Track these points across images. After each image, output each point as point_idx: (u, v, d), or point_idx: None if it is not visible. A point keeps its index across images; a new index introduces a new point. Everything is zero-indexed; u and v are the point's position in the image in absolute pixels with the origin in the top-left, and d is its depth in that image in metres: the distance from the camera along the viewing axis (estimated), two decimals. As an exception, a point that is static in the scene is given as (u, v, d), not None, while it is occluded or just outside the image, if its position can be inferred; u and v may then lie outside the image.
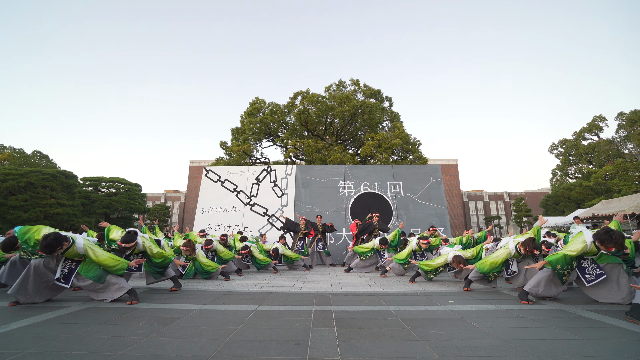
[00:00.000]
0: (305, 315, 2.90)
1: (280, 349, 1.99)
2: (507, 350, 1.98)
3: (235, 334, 2.30)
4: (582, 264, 3.64)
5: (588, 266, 3.61)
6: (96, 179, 31.56)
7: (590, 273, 3.58)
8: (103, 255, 3.54)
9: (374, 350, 1.99)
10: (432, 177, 11.25)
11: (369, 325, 2.56)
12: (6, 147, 36.18)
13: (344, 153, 19.74)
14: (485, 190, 48.08)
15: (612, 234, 3.23)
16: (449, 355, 1.90)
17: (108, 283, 3.55)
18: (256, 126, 22.06)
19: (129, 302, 3.44)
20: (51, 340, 2.13)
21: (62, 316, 2.83)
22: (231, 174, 11.87)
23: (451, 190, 35.98)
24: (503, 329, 2.48)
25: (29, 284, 3.38)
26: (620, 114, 28.78)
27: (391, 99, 23.91)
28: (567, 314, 3.00)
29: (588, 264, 3.61)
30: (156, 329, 2.43)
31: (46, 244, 3.19)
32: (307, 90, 22.32)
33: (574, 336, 2.28)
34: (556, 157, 33.15)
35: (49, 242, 3.21)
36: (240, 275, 6.36)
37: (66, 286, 3.47)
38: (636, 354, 1.94)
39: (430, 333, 2.34)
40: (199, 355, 1.87)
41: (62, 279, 3.45)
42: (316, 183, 11.25)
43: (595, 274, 3.54)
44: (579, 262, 3.65)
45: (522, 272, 4.51)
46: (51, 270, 3.51)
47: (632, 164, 23.48)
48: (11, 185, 22.10)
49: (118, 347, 2.01)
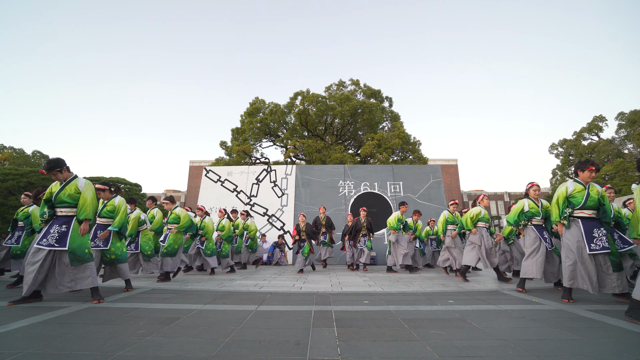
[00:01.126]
0: (305, 315, 2.90)
1: (280, 349, 1.99)
2: (507, 350, 1.98)
3: (235, 334, 2.30)
4: (593, 233, 3.53)
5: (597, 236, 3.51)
6: (96, 179, 31.56)
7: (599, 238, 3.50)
8: (90, 195, 3.61)
9: (374, 350, 1.99)
10: (432, 177, 11.25)
11: (369, 325, 2.56)
12: (6, 147, 36.16)
13: (344, 153, 19.72)
14: (485, 190, 48.07)
15: (586, 159, 3.71)
16: (449, 355, 1.90)
17: (83, 269, 3.48)
18: (256, 126, 22.05)
19: (95, 301, 3.41)
20: (51, 340, 2.13)
21: (62, 316, 2.83)
22: (231, 174, 11.87)
23: (451, 190, 35.97)
24: (503, 329, 2.48)
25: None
26: (620, 114, 28.76)
27: (391, 99, 23.89)
28: (567, 314, 3.00)
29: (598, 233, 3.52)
30: (156, 329, 2.43)
31: (50, 160, 3.49)
32: (307, 90, 22.31)
33: (574, 336, 2.27)
34: (556, 157, 33.12)
35: (54, 159, 3.52)
36: (212, 275, 6.41)
37: (48, 248, 3.34)
38: (636, 354, 1.94)
39: (430, 333, 2.34)
40: (198, 356, 1.87)
41: (55, 243, 3.37)
42: (316, 183, 11.25)
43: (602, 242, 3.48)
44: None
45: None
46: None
47: (632, 164, 23.46)
48: (11, 185, 22.10)
49: (118, 347, 2.01)
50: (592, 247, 3.47)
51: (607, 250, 3.42)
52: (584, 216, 3.64)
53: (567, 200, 3.76)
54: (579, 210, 3.67)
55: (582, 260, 3.52)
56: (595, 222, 3.60)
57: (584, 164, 3.72)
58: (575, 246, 3.57)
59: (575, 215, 3.69)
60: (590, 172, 3.65)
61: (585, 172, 3.69)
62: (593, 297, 3.89)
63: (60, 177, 3.58)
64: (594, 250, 3.46)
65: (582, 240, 3.55)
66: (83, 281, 3.45)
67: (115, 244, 4.30)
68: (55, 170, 3.53)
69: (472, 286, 4.91)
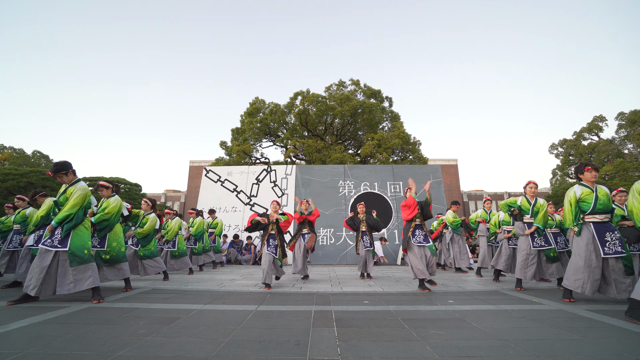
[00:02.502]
0: (305, 315, 2.90)
1: (280, 349, 1.99)
2: (507, 350, 1.98)
3: (235, 334, 2.30)
4: (605, 237, 3.50)
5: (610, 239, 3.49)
6: (96, 179, 31.57)
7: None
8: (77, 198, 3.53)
9: (374, 350, 1.99)
10: (432, 177, 11.26)
11: (369, 325, 2.56)
12: (6, 147, 36.16)
13: (344, 153, 19.72)
14: (485, 190, 48.05)
15: (581, 162, 3.76)
16: (449, 355, 1.90)
17: (84, 269, 3.48)
18: (256, 126, 22.05)
19: (95, 301, 3.43)
20: (51, 340, 2.13)
21: (62, 316, 2.83)
22: (231, 174, 11.87)
23: (451, 190, 35.93)
24: (503, 329, 2.48)
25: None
26: (620, 114, 28.76)
27: (391, 99, 23.89)
28: (567, 314, 3.00)
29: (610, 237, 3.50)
30: (156, 329, 2.43)
31: (56, 163, 3.54)
32: (307, 90, 22.31)
33: (574, 336, 2.27)
34: (556, 157, 33.12)
35: (60, 162, 3.57)
36: (191, 275, 6.53)
37: (53, 249, 3.37)
38: (636, 354, 1.94)
39: (430, 333, 2.34)
40: (198, 356, 1.87)
41: (58, 244, 3.40)
42: (316, 183, 11.25)
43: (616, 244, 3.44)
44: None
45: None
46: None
47: (632, 164, 23.48)
48: (11, 185, 22.10)
49: (118, 347, 2.01)
50: (605, 251, 3.43)
51: (621, 254, 3.37)
52: (595, 221, 3.57)
53: (578, 205, 3.69)
54: (590, 216, 3.59)
55: (589, 264, 3.47)
56: (608, 225, 3.54)
57: (580, 167, 3.75)
58: (583, 250, 3.52)
59: (587, 220, 3.61)
60: (589, 171, 3.65)
61: (585, 174, 3.69)
62: (593, 298, 3.89)
63: (66, 179, 3.62)
64: (607, 254, 3.41)
65: (591, 244, 3.50)
66: (83, 282, 3.46)
67: (111, 244, 4.28)
68: (61, 173, 3.57)
69: (472, 286, 4.91)
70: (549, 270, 4.59)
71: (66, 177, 3.61)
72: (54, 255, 3.40)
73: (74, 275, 3.43)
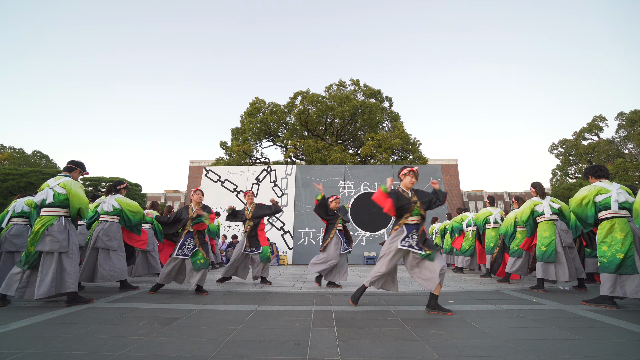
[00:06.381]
0: (305, 315, 2.90)
1: (280, 349, 1.99)
2: (507, 350, 1.98)
3: (235, 334, 2.30)
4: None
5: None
6: (96, 179, 31.50)
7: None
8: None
9: (374, 350, 1.99)
10: (432, 177, 11.26)
11: (369, 325, 2.56)
12: (6, 147, 36.17)
13: (344, 153, 19.73)
14: (485, 190, 48.05)
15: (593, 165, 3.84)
16: (449, 355, 1.90)
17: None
18: (256, 126, 22.06)
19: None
20: (51, 340, 2.13)
21: (62, 316, 2.83)
22: (231, 174, 11.88)
23: (451, 190, 35.92)
24: (503, 329, 2.48)
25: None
26: (620, 114, 28.76)
27: (391, 99, 23.91)
28: (567, 314, 3.00)
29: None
30: (156, 329, 2.43)
31: (69, 161, 3.67)
32: (307, 90, 22.32)
33: (574, 336, 2.27)
34: (556, 157, 33.12)
35: (72, 160, 3.70)
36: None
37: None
38: (636, 354, 1.94)
39: (430, 333, 2.34)
40: (198, 356, 1.87)
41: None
42: (316, 183, 11.25)
43: None
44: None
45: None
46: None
47: (632, 164, 23.49)
48: (11, 185, 22.11)
49: (118, 347, 2.01)
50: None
51: None
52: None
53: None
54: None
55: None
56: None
57: (591, 169, 3.79)
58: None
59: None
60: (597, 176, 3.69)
61: (596, 178, 3.72)
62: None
63: (76, 177, 3.73)
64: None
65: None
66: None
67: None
68: (75, 172, 3.69)
69: (472, 286, 4.92)
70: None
71: (76, 176, 3.74)
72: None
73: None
